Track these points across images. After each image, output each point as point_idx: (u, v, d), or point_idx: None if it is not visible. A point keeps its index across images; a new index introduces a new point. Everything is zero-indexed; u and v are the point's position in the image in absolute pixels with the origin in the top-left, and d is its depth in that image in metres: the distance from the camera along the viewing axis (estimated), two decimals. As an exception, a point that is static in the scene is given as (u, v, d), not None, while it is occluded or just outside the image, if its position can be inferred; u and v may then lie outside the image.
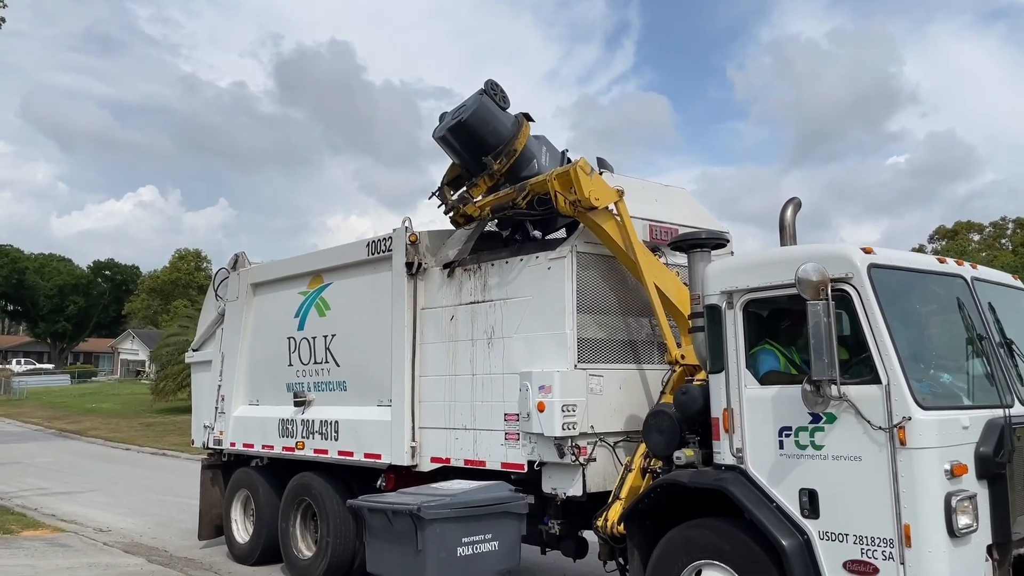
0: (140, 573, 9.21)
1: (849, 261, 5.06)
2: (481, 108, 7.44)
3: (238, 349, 10.25)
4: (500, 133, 7.50)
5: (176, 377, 34.61)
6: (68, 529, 12.17)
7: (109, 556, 10.24)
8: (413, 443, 7.92)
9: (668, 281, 6.85)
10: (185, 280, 64.34)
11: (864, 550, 4.83)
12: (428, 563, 5.12)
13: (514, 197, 7.24)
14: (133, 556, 10.26)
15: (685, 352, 6.58)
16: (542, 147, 7.81)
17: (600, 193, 6.74)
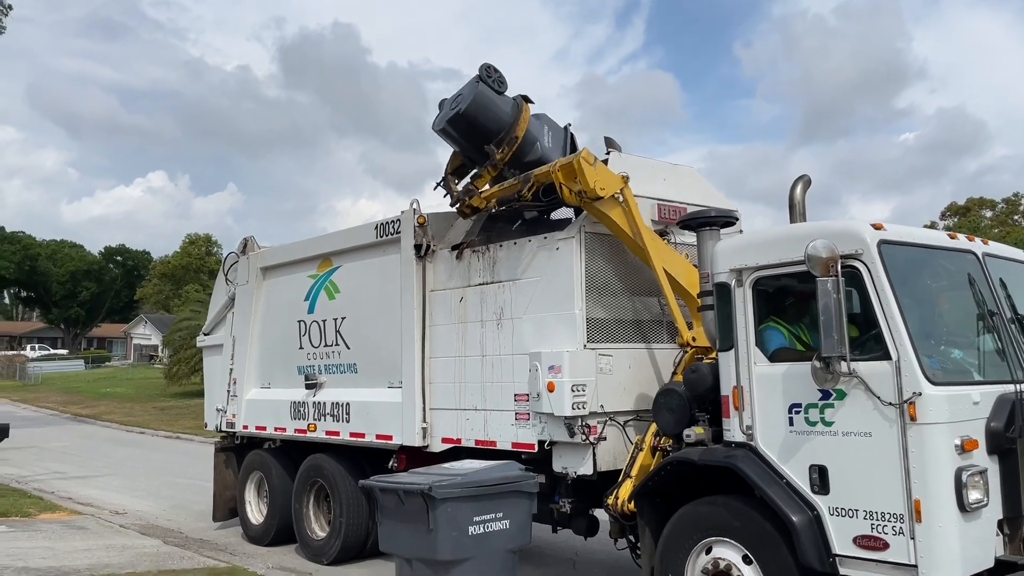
0: (156, 554, 9.30)
1: (859, 237, 5.04)
2: (479, 96, 7.28)
3: (249, 333, 10.30)
4: (500, 119, 7.35)
5: (189, 361, 34.82)
6: (85, 512, 12.30)
7: (125, 538, 10.36)
8: (424, 424, 7.96)
9: (677, 264, 6.83)
10: (196, 265, 64.62)
11: (874, 525, 4.85)
12: (440, 542, 5.15)
13: (519, 189, 7.15)
14: (149, 538, 10.36)
15: (696, 335, 6.58)
16: (543, 127, 7.65)
17: (605, 182, 6.66)
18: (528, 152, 7.46)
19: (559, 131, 7.83)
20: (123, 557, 9.06)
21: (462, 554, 5.19)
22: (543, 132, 7.61)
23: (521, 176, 7.20)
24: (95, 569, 8.45)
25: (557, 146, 7.56)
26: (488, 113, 7.33)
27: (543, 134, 7.60)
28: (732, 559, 5.44)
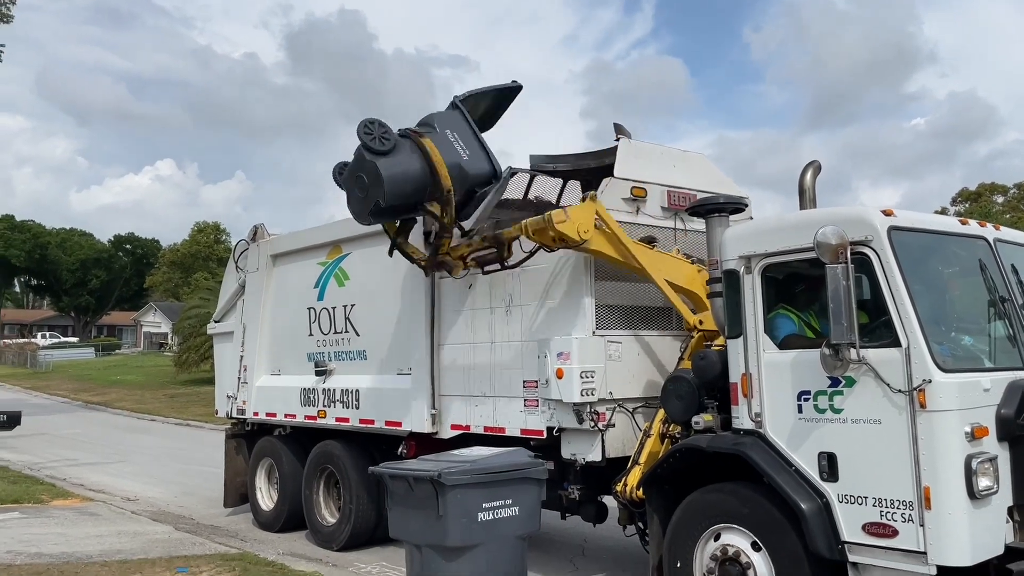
0: (168, 540, 9.36)
1: (869, 224, 5.02)
2: (389, 178, 6.44)
3: (259, 320, 10.35)
4: (417, 178, 6.57)
5: (199, 349, 34.90)
6: (97, 498, 12.38)
7: (137, 524, 10.43)
8: (433, 411, 7.99)
9: (674, 269, 6.75)
10: (205, 253, 64.73)
11: (884, 512, 4.85)
12: (449, 528, 5.16)
13: (498, 258, 6.89)
14: (160, 524, 10.43)
15: (703, 318, 6.58)
16: (450, 139, 6.73)
17: (584, 223, 6.28)
18: (469, 181, 6.83)
19: (456, 121, 6.94)
20: (135, 543, 9.12)
21: (471, 540, 5.21)
22: (455, 147, 6.76)
23: (491, 237, 6.88)
24: (108, 555, 8.50)
25: (469, 142, 6.82)
26: (405, 184, 6.55)
27: (457, 150, 6.76)
28: (741, 545, 5.45)
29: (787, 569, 5.21)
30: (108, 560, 8.27)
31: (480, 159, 6.77)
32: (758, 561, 5.37)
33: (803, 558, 5.15)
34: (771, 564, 5.30)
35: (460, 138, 6.76)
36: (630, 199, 7.16)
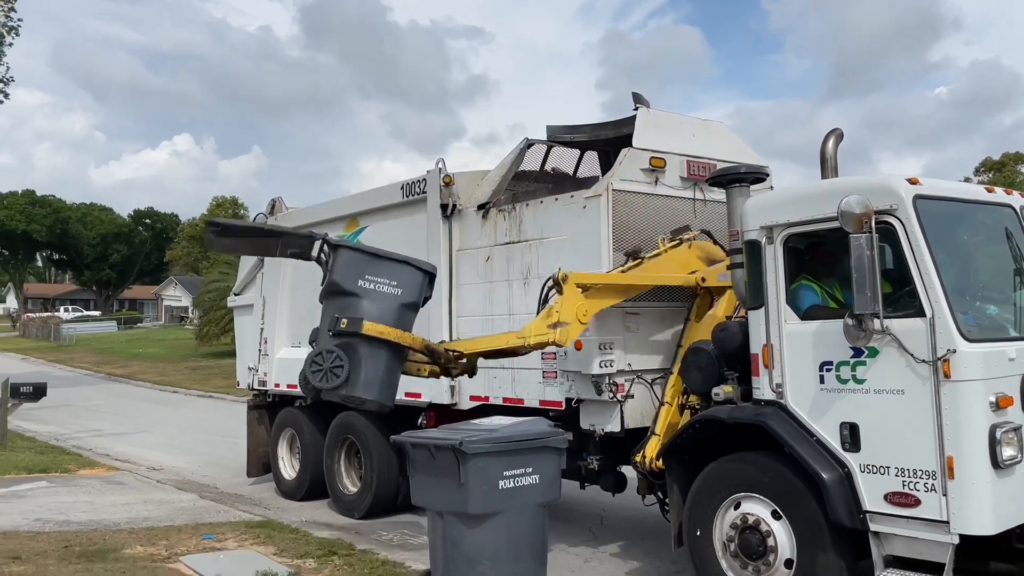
0: (193, 508, 9.53)
1: (894, 192, 4.95)
2: (367, 390, 6.33)
3: (279, 293, 10.41)
4: (391, 362, 6.46)
5: (219, 322, 35.22)
6: (122, 468, 12.61)
7: (163, 493, 10.63)
8: (452, 382, 8.02)
9: (662, 268, 6.69)
10: (223, 227, 64.80)
11: (906, 482, 4.83)
12: (471, 495, 5.14)
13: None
14: (185, 492, 10.62)
15: (705, 275, 6.53)
16: (381, 289, 6.36)
17: (577, 310, 6.14)
18: (420, 302, 6.68)
19: (354, 260, 6.49)
20: (161, 511, 9.31)
21: (492, 507, 5.22)
22: (383, 291, 6.42)
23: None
24: (134, 522, 8.68)
25: (384, 270, 6.44)
26: (388, 378, 6.43)
27: (387, 292, 6.43)
28: (761, 514, 5.46)
29: (807, 537, 5.22)
30: (135, 527, 8.44)
31: (409, 274, 6.53)
32: (778, 529, 5.38)
33: (823, 527, 5.15)
34: (791, 532, 5.31)
35: (376, 275, 6.41)
36: (648, 170, 7.10)
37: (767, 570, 5.43)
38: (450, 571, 5.32)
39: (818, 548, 5.17)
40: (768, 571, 5.42)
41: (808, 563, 5.21)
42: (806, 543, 5.23)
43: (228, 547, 7.61)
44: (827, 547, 5.14)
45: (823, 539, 5.16)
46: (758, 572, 5.48)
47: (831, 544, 5.14)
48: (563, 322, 6.10)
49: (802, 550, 5.25)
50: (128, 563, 6.98)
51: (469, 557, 5.25)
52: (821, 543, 5.16)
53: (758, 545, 5.46)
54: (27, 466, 12.02)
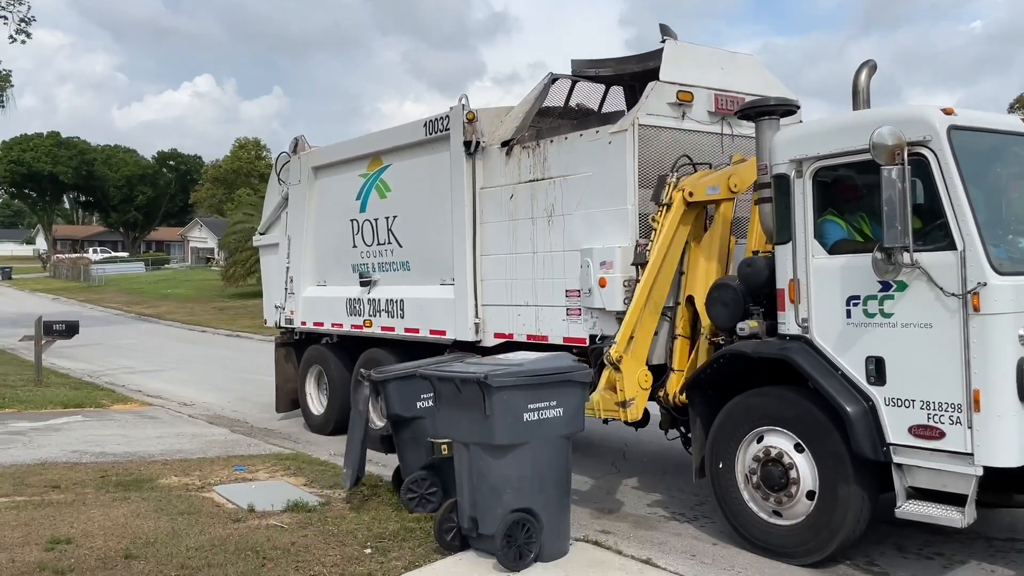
0: (224, 441, 9.77)
1: (927, 123, 4.84)
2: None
3: (303, 232, 10.46)
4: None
5: (245, 263, 35.49)
6: (155, 403, 12.95)
7: (195, 427, 10.90)
8: (476, 320, 8.08)
9: (671, 244, 6.46)
10: (247, 169, 65.03)
11: (931, 415, 4.84)
12: (496, 428, 5.24)
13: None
14: (217, 427, 10.88)
15: (693, 190, 6.30)
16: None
17: (635, 383, 6.41)
18: None
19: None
20: (194, 444, 9.57)
21: (517, 439, 5.30)
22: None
23: None
24: (168, 454, 8.95)
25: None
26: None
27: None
28: (784, 447, 5.51)
29: (830, 469, 5.27)
30: (169, 459, 8.70)
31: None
32: (801, 462, 5.43)
33: (846, 459, 5.19)
34: (814, 465, 5.36)
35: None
36: (676, 104, 6.97)
37: (788, 502, 5.49)
38: (476, 500, 5.43)
39: (840, 480, 5.22)
40: (790, 503, 5.49)
41: (830, 495, 5.26)
42: (828, 475, 5.28)
43: (259, 478, 7.81)
44: (849, 479, 5.19)
45: (845, 471, 5.20)
46: (780, 503, 5.55)
47: (853, 476, 5.18)
48: (630, 400, 6.38)
49: (824, 482, 5.30)
50: (163, 492, 7.20)
51: (494, 487, 5.36)
52: (843, 475, 5.20)
53: (780, 477, 5.51)
54: (63, 401, 12.37)
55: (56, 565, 5.25)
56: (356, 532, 5.97)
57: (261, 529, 6.03)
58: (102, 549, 5.58)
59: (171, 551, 5.52)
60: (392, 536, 5.90)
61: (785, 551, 5.53)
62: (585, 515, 6.75)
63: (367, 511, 6.53)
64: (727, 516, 5.91)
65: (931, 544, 5.83)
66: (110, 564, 5.32)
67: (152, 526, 6.07)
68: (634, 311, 6.43)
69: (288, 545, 5.65)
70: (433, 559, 5.47)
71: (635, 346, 6.43)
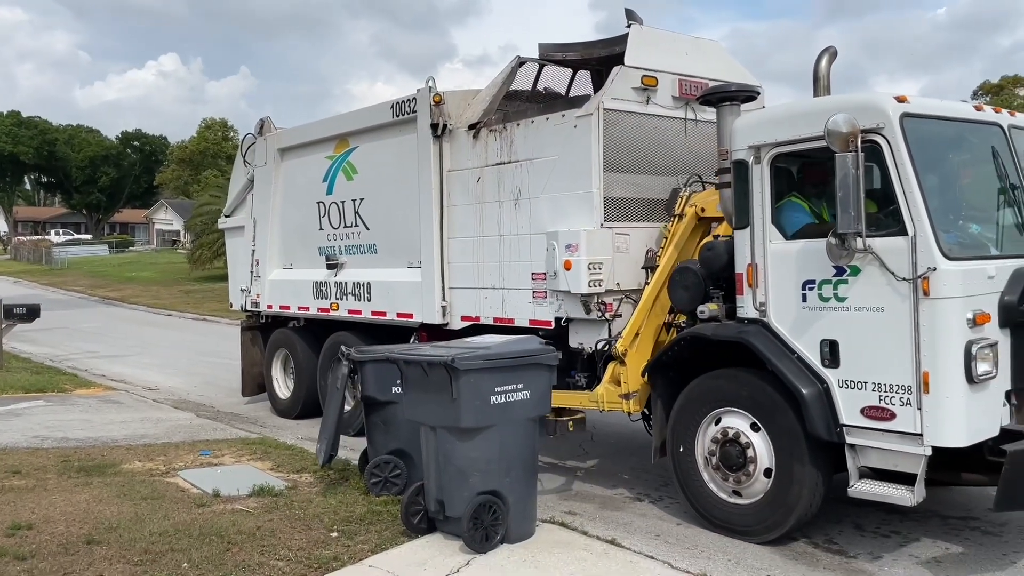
0: (190, 426, 9.72)
1: (881, 111, 4.95)
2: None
3: (269, 214, 10.40)
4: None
5: (211, 246, 35.02)
6: (118, 388, 12.81)
7: (159, 411, 10.83)
8: (443, 302, 8.12)
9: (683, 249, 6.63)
10: (213, 150, 64.25)
11: (882, 397, 4.98)
12: (463, 410, 5.27)
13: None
14: (182, 411, 10.83)
15: (705, 206, 6.49)
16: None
17: (638, 375, 6.46)
18: None
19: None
20: (158, 428, 9.50)
21: (484, 422, 5.34)
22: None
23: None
24: (132, 439, 8.87)
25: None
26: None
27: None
28: (741, 427, 5.63)
29: (785, 449, 5.41)
30: (133, 444, 8.63)
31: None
32: (757, 441, 5.56)
33: (801, 439, 5.33)
34: (769, 444, 5.49)
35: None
36: (640, 88, 7.02)
37: (747, 480, 5.63)
38: (443, 483, 5.47)
39: (796, 460, 5.36)
40: (748, 481, 5.62)
41: (786, 474, 5.40)
42: (784, 455, 5.42)
43: (225, 462, 7.79)
44: (804, 459, 5.33)
45: (800, 451, 5.34)
46: (739, 483, 5.68)
47: (808, 456, 5.32)
48: (633, 392, 6.48)
49: (780, 461, 5.44)
50: (127, 477, 7.15)
51: (461, 469, 5.40)
52: (799, 455, 5.34)
53: (738, 457, 5.64)
54: (24, 386, 12.19)
55: (17, 551, 5.22)
56: (323, 516, 5.97)
57: (226, 514, 6.01)
58: (64, 535, 5.55)
59: (134, 536, 5.48)
60: (359, 520, 5.90)
61: (745, 529, 5.68)
62: (552, 497, 6.84)
63: (334, 495, 6.55)
64: (688, 497, 6.04)
65: (888, 523, 6.00)
66: (72, 549, 5.29)
67: (115, 511, 6.02)
68: (642, 310, 6.56)
69: (254, 529, 5.64)
70: (400, 542, 5.48)
71: (640, 342, 6.54)
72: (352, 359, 6.73)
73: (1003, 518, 5.95)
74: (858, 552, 5.55)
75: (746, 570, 5.26)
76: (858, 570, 5.29)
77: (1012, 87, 50.52)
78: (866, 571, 5.27)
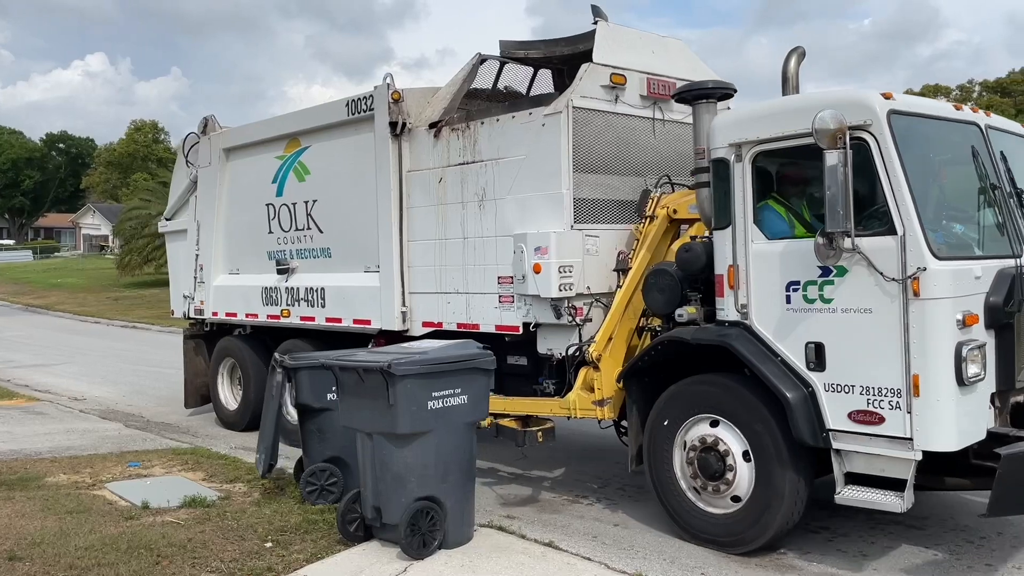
0: (118, 437, 9.37)
1: (868, 107, 4.84)
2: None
3: (214, 217, 9.92)
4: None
5: (141, 251, 34.29)
6: (42, 398, 12.28)
7: (86, 422, 10.40)
8: (403, 308, 7.80)
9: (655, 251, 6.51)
10: (143, 153, 62.58)
11: (871, 400, 4.86)
12: (400, 416, 5.23)
13: None
14: (110, 422, 10.43)
15: (677, 208, 6.38)
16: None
17: (612, 381, 6.29)
18: None
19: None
20: (85, 440, 9.16)
21: (421, 427, 5.31)
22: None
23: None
24: (57, 451, 8.52)
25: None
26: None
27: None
28: (721, 435, 5.46)
29: (766, 454, 5.25)
30: (58, 456, 8.30)
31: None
32: (736, 448, 5.40)
33: (783, 445, 5.19)
34: (750, 450, 5.34)
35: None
36: (609, 87, 6.84)
37: (726, 489, 5.46)
38: (379, 490, 5.40)
39: (777, 466, 5.21)
40: (727, 490, 5.46)
41: (767, 481, 5.25)
42: (765, 461, 5.27)
43: (155, 473, 7.59)
44: (786, 465, 5.19)
45: (783, 457, 5.19)
46: (717, 491, 5.51)
47: (791, 462, 5.18)
48: (607, 399, 6.28)
49: (761, 468, 5.29)
50: (51, 491, 6.87)
51: (398, 476, 5.35)
52: (781, 461, 5.20)
53: (717, 464, 5.47)
54: (-59, 398, 11.50)
55: (-63, 572, 4.87)
56: (256, 526, 5.86)
57: (156, 526, 5.87)
58: (-15, 551, 5.21)
59: (59, 551, 5.32)
60: (294, 529, 5.81)
61: (725, 540, 5.51)
62: (491, 501, 6.77)
63: (269, 505, 6.41)
64: (665, 506, 5.86)
65: (818, 519, 5.91)
66: (-6, 567, 5.01)
67: (38, 526, 5.83)
68: (615, 314, 6.37)
69: (184, 542, 5.51)
70: (336, 550, 5.41)
71: (613, 347, 6.34)
72: (286, 366, 6.64)
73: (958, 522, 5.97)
74: (788, 548, 5.54)
75: (681, 568, 5.28)
76: (788, 566, 5.28)
77: (932, 95, 52.41)
78: (796, 567, 5.28)
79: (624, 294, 6.42)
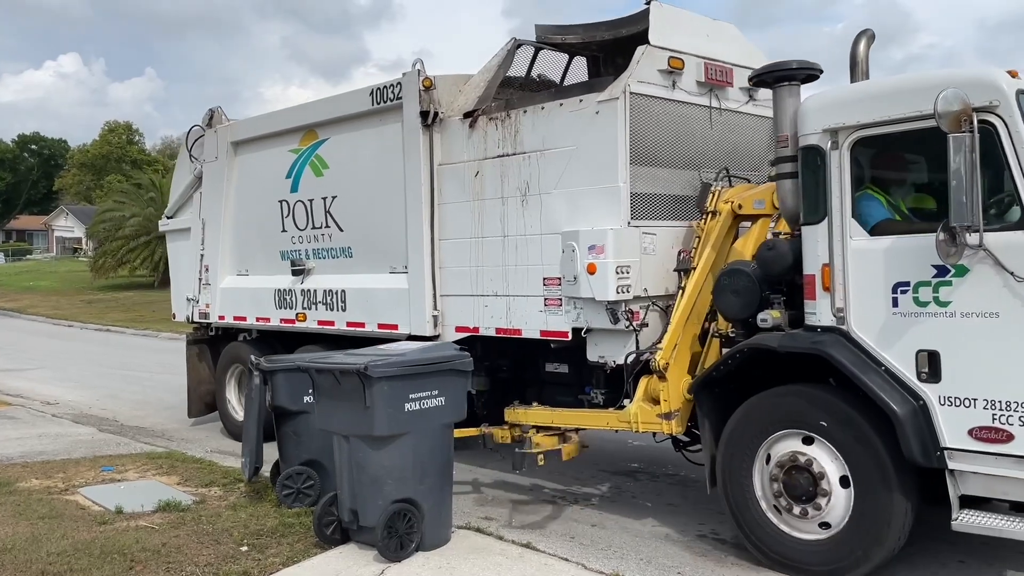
0: (91, 441, 9.11)
1: (995, 87, 4.34)
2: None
3: (221, 215, 9.28)
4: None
5: (115, 253, 33.90)
6: (14, 403, 11.87)
7: (59, 427, 10.12)
8: (435, 311, 7.22)
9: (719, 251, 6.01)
10: (117, 154, 61.60)
11: (996, 415, 4.35)
12: (377, 419, 5.22)
13: None
14: (83, 426, 10.15)
15: (742, 202, 5.89)
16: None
17: (680, 393, 5.80)
18: None
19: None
20: (57, 444, 8.91)
21: (398, 429, 5.31)
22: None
23: None
24: (28, 456, 8.29)
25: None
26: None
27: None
28: (815, 455, 4.93)
29: (867, 475, 4.72)
30: (29, 461, 8.04)
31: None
32: (832, 470, 4.86)
33: (887, 465, 4.66)
34: (847, 470, 4.81)
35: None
36: (667, 71, 6.31)
37: (816, 513, 4.93)
38: (356, 493, 5.38)
39: (881, 489, 4.68)
40: (817, 515, 4.93)
41: (868, 506, 4.72)
42: (866, 483, 4.73)
43: (129, 478, 7.38)
44: (892, 487, 4.66)
45: (886, 478, 4.67)
46: (805, 515, 4.98)
47: (896, 485, 4.66)
48: (675, 412, 5.78)
49: (861, 491, 4.75)
50: (23, 496, 6.68)
51: (375, 478, 5.33)
52: (884, 483, 4.67)
53: (808, 485, 4.94)
54: (-93, 402, 11.03)
55: (-98, 577, 4.60)
56: (232, 530, 5.81)
57: (130, 531, 5.81)
58: (-46, 559, 4.94)
59: (30, 557, 5.26)
60: (270, 533, 5.77)
61: (818, 569, 4.96)
62: (469, 502, 6.72)
63: (245, 508, 6.33)
64: (742, 528, 5.31)
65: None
66: (-37, 574, 4.76)
67: (10, 532, 5.76)
68: (680, 318, 5.83)
69: (159, 546, 5.46)
70: (313, 554, 5.38)
71: (679, 354, 5.80)
72: (262, 369, 6.60)
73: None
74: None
75: (658, 568, 5.26)
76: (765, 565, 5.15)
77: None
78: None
79: (689, 296, 5.88)
